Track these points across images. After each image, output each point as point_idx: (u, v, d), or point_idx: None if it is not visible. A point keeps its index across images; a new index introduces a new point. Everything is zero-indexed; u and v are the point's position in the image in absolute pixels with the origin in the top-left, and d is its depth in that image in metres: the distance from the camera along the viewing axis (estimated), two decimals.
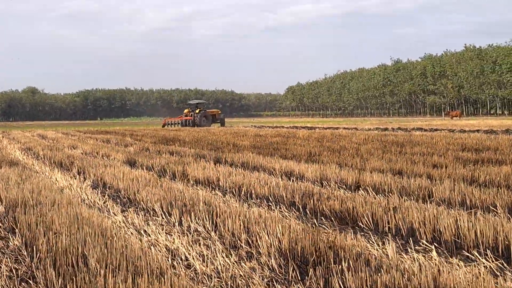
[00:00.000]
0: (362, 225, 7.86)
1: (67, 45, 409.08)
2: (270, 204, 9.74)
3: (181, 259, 6.37)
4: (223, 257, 6.26)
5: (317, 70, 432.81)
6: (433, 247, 6.59)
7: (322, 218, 8.51)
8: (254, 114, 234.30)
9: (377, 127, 45.91)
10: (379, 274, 5.15)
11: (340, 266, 5.49)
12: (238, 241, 6.91)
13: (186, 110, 66.85)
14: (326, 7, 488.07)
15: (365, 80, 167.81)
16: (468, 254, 6.40)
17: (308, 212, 8.91)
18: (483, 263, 5.99)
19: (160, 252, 6.63)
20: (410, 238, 7.04)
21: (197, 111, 65.80)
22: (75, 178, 13.66)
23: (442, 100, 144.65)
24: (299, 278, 5.65)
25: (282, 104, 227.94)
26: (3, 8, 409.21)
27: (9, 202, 9.10)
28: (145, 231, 7.78)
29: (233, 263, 6.12)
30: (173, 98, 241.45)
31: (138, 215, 8.83)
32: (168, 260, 6.25)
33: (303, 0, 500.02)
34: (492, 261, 6.04)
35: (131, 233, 7.61)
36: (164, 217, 8.78)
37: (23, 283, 5.66)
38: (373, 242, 6.85)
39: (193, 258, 6.30)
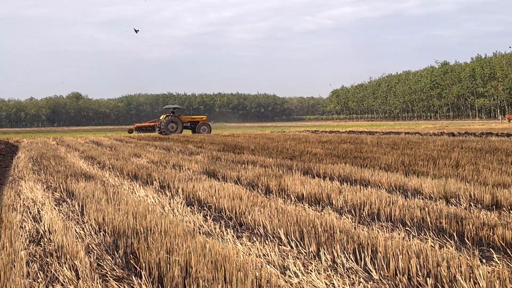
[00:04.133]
0: None
1: (107, 50, 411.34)
2: (409, 229, 8.27)
3: None
4: None
5: (357, 73, 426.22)
6: None
7: (491, 250, 7.00)
8: (297, 118, 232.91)
9: (440, 131, 44.04)
10: None
11: None
12: None
13: (162, 116, 61.54)
14: (364, 10, 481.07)
15: (411, 83, 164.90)
16: None
17: (467, 241, 7.40)
18: None
19: None
20: None
21: (162, 117, 60.02)
22: (163, 194, 12.34)
23: (492, 103, 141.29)
24: None
25: (326, 107, 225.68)
26: (45, 14, 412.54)
27: (113, 229, 7.79)
28: (286, 268, 6.39)
29: None
30: (216, 102, 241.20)
31: (276, 248, 7.41)
32: None
33: (342, 3, 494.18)
34: None
35: (272, 272, 6.21)
36: (291, 246, 7.39)
37: None
38: None
39: None
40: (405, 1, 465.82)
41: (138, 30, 52.41)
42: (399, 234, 7.87)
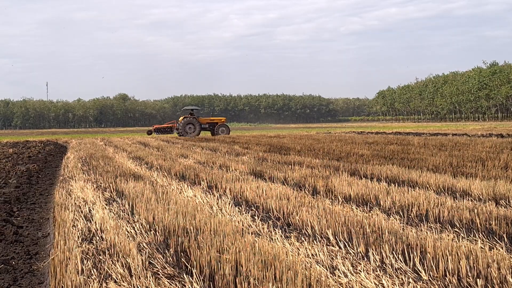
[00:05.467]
0: None
1: (154, 52, 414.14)
2: (458, 231, 8.22)
3: None
4: None
5: (403, 74, 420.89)
6: None
7: None
8: (342, 119, 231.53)
9: (489, 132, 43.43)
10: None
11: None
12: None
13: (181, 118, 61.17)
14: (411, 11, 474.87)
15: (459, 84, 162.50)
16: None
17: None
18: None
19: None
20: None
21: (180, 119, 59.55)
22: (211, 194, 12.48)
23: None
24: None
25: (372, 108, 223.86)
26: (92, 17, 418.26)
27: (164, 228, 7.93)
28: (335, 268, 6.43)
29: None
30: (261, 103, 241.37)
31: (325, 248, 7.46)
32: None
33: (388, 4, 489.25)
34: None
35: (321, 272, 6.26)
36: (340, 246, 7.41)
37: None
38: None
39: None
40: (453, 1, 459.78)
41: None
42: (448, 236, 7.84)
